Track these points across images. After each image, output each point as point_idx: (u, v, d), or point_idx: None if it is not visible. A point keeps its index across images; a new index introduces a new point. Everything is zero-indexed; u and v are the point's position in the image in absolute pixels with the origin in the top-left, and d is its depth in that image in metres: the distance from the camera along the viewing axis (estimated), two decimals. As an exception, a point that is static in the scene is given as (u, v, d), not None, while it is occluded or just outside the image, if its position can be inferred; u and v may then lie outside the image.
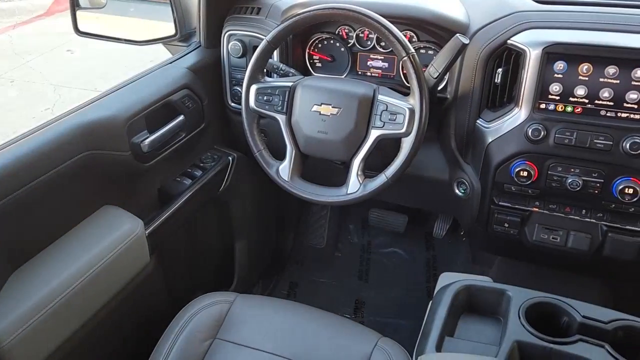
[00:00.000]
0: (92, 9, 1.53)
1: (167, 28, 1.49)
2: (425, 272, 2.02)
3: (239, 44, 1.43)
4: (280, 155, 1.24)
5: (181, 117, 1.37)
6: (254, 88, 1.22)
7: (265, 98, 1.21)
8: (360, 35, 1.39)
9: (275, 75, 1.37)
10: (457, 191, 1.36)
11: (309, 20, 1.15)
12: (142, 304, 1.36)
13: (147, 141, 1.25)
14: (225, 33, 1.47)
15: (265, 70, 1.25)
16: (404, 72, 1.37)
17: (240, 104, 1.25)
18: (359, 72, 1.43)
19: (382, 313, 1.90)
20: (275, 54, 1.39)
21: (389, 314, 1.89)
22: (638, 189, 1.10)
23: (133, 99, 1.26)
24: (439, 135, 1.36)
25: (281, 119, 1.21)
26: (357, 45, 1.40)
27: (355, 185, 1.16)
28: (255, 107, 1.22)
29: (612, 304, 1.55)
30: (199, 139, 1.50)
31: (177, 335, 1.14)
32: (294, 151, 1.21)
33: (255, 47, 1.23)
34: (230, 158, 1.55)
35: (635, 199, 1.12)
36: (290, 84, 1.21)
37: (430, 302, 1.05)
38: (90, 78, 4.85)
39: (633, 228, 1.17)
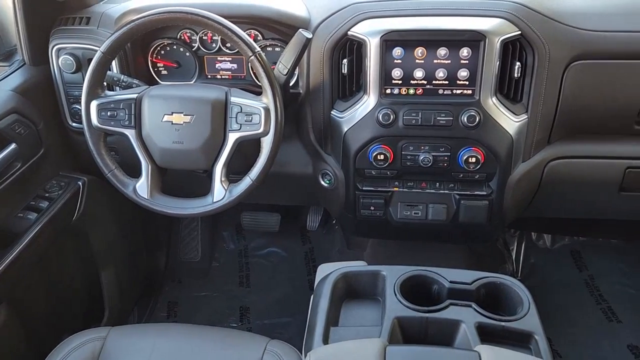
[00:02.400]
0: None
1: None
2: (305, 266, 2.05)
3: (71, 58, 1.31)
4: (136, 173, 1.17)
5: (13, 146, 1.23)
6: (94, 104, 1.13)
7: (109, 114, 1.13)
8: (204, 38, 1.35)
9: (117, 88, 1.28)
10: (322, 182, 1.38)
11: (145, 26, 1.09)
12: None
13: None
14: (53, 47, 1.34)
15: (105, 83, 1.17)
16: (254, 71, 1.36)
17: (82, 123, 1.15)
18: (208, 76, 1.39)
19: (269, 315, 1.89)
20: (115, 65, 1.30)
21: (275, 315, 1.88)
22: (479, 157, 1.22)
23: None
24: (298, 130, 1.37)
25: (130, 134, 1.13)
26: (202, 49, 1.36)
27: (220, 192, 1.13)
28: (99, 125, 1.13)
29: (475, 265, 1.71)
30: (40, 167, 1.35)
31: None
32: (149, 166, 1.15)
33: (90, 60, 1.14)
34: (80, 183, 1.43)
35: (478, 167, 1.23)
36: (135, 95, 1.14)
37: (312, 295, 1.06)
38: None
39: (480, 193, 1.29)
